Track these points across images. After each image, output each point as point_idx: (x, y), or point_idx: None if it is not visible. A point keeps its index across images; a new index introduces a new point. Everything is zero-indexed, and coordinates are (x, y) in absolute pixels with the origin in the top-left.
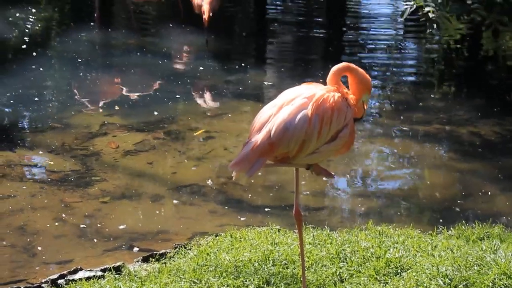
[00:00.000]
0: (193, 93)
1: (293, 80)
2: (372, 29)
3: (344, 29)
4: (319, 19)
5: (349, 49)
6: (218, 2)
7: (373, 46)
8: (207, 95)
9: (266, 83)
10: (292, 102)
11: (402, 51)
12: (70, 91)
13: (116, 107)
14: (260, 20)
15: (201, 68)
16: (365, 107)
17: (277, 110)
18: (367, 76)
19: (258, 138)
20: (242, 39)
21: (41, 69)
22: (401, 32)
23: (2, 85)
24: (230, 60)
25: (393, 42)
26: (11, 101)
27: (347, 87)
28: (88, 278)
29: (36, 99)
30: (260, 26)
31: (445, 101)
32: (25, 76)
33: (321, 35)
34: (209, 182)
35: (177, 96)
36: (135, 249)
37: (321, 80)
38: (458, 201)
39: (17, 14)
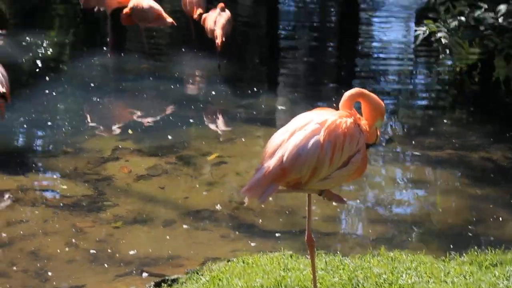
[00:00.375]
0: (205, 118)
1: (305, 105)
2: (384, 55)
3: (356, 55)
4: (331, 46)
5: (362, 75)
6: (230, 26)
7: (385, 71)
8: (220, 120)
9: (278, 107)
10: (304, 128)
11: (414, 76)
12: (83, 116)
13: (129, 131)
14: (272, 45)
15: (213, 92)
16: (378, 133)
17: (289, 135)
18: (381, 101)
19: (270, 163)
20: (255, 64)
21: (54, 93)
22: (413, 57)
23: (15, 110)
24: (243, 85)
25: (405, 68)
26: (24, 126)
27: (360, 112)
28: None
29: (49, 123)
30: (272, 52)
31: (457, 126)
32: (38, 101)
33: (333, 61)
34: (218, 207)
35: (190, 120)
36: (147, 274)
37: (334, 105)
38: (471, 227)
39: (30, 39)
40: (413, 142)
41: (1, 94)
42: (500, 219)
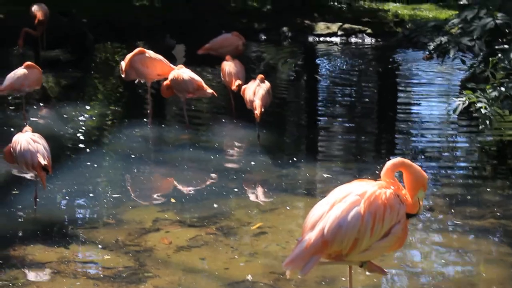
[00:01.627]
0: (246, 188)
1: (345, 176)
2: (424, 125)
3: (396, 125)
4: (370, 122)
5: (402, 145)
6: (270, 98)
7: (425, 141)
8: (260, 190)
9: (319, 178)
10: (344, 200)
11: (454, 146)
12: (124, 187)
13: (172, 200)
14: (311, 117)
15: (253, 163)
16: (421, 203)
17: (329, 207)
18: (423, 172)
19: (311, 236)
20: (294, 135)
21: (95, 165)
22: (453, 128)
23: (57, 181)
24: (282, 155)
25: (444, 139)
26: (66, 197)
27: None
28: None
29: (90, 195)
30: (311, 123)
31: (499, 196)
32: (79, 172)
33: (373, 137)
34: (258, 278)
35: (230, 191)
36: None
37: (377, 172)
38: None
39: (71, 112)
40: (453, 211)
41: (43, 166)
42: None
